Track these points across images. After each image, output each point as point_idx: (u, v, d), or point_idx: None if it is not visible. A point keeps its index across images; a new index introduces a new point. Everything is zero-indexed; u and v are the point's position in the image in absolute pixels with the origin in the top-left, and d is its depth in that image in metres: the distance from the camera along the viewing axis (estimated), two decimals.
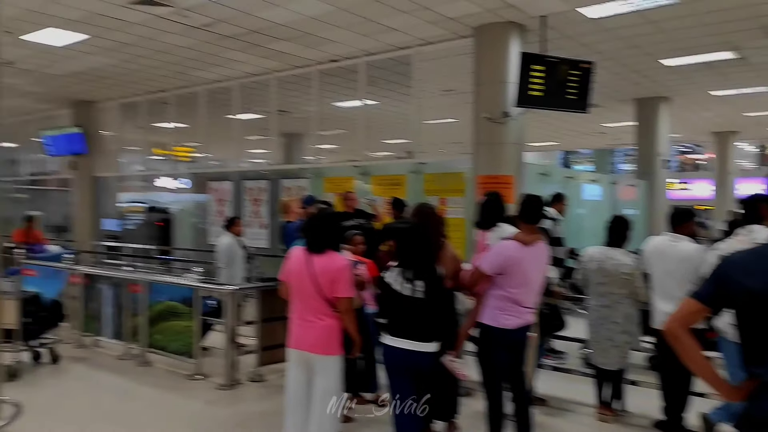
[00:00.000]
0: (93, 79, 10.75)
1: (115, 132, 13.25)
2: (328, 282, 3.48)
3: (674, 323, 2.02)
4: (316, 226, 3.69)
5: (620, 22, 7.02)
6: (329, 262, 3.52)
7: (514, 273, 3.75)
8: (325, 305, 3.49)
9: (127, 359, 6.34)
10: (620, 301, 4.57)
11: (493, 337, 3.82)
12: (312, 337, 3.50)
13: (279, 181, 10.41)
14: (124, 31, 7.87)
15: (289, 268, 3.64)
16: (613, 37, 7.62)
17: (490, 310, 3.81)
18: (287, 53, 8.76)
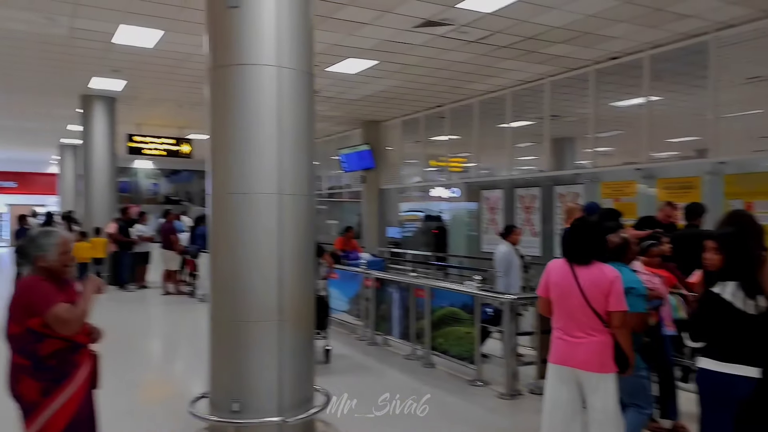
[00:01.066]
0: (380, 100, 11.86)
1: (397, 147, 14.43)
2: (599, 295, 3.23)
3: None
4: (579, 235, 3.42)
5: None
6: (598, 274, 3.27)
7: None
8: (595, 320, 3.25)
9: (413, 359, 6.76)
10: None
11: None
12: (583, 354, 3.26)
13: (552, 187, 10.14)
14: (408, 54, 8.51)
15: (550, 281, 3.45)
16: None
17: None
18: (563, 56, 8.50)
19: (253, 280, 4.22)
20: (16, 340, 2.81)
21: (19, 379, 2.81)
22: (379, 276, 7.81)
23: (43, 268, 2.87)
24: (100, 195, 12.69)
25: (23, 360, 2.80)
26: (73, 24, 7.53)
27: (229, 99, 4.21)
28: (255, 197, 4.20)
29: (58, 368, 2.84)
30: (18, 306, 2.79)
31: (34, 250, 2.88)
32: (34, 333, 2.77)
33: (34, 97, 12.23)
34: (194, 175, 25.89)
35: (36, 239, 2.90)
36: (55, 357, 2.82)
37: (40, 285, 2.81)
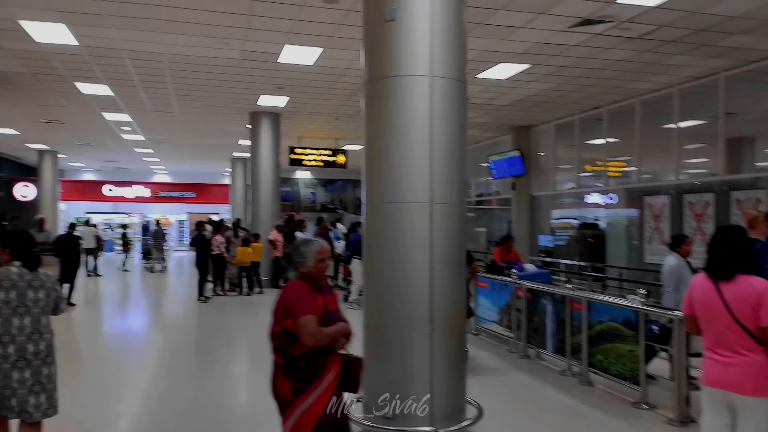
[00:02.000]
0: (532, 104, 11.52)
1: (550, 152, 13.91)
2: (747, 310, 2.89)
3: None
4: (719, 247, 3.08)
5: None
6: (744, 287, 2.92)
7: None
8: (746, 337, 2.91)
9: (568, 376, 6.42)
10: None
11: None
12: (735, 375, 2.93)
13: (728, 192, 9.13)
14: (563, 55, 8.16)
15: (694, 297, 3.12)
16: None
17: None
18: (741, 48, 7.65)
19: (405, 289, 4.28)
20: (275, 339, 3.05)
21: (276, 377, 3.05)
22: (533, 287, 7.54)
23: (303, 274, 3.10)
24: (265, 204, 13.73)
25: (280, 358, 3.03)
26: (244, 47, 8.21)
27: (383, 110, 4.33)
28: (407, 206, 4.27)
29: (307, 370, 2.99)
30: (279, 306, 3.04)
31: (296, 257, 3.12)
32: (289, 333, 2.97)
33: (211, 115, 13.54)
34: (348, 184, 27.05)
35: (299, 247, 3.15)
36: (304, 359, 2.98)
37: (300, 289, 3.03)
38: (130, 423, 5.05)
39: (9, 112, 13.17)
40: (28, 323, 3.44)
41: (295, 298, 2.99)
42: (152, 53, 8.53)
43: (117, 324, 10.08)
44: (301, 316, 2.91)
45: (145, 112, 13.09)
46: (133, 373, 6.54)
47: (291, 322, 2.94)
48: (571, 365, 6.48)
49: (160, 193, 28.76)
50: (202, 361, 7.15)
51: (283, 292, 3.07)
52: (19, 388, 3.39)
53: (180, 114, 13.33)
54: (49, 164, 22.11)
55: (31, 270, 3.53)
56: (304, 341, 2.91)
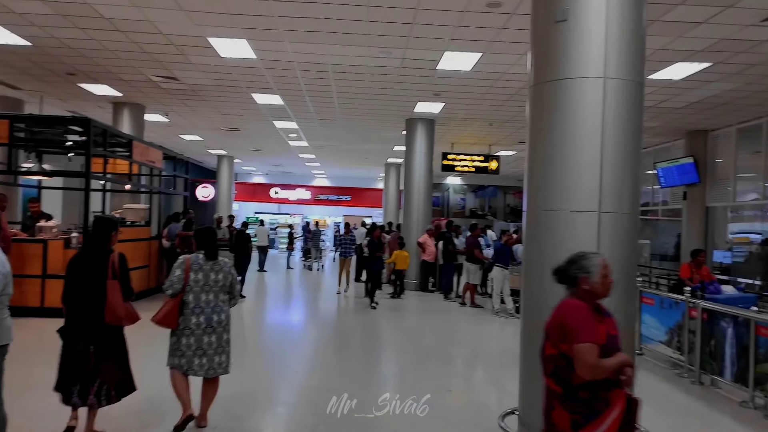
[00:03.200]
0: (709, 106, 10.51)
1: (730, 159, 12.57)
2: None
3: None
4: None
5: None
6: None
7: None
8: None
9: (750, 408, 5.73)
10: None
11: None
12: None
13: None
14: (751, 52, 7.34)
15: None
16: None
17: None
18: None
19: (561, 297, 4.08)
20: (548, 361, 2.76)
21: (552, 406, 2.73)
22: (708, 306, 6.84)
23: (586, 291, 2.76)
24: (416, 208, 13.96)
25: (556, 386, 2.71)
26: (405, 55, 8.41)
27: (550, 115, 4.19)
28: (572, 215, 4.09)
29: (590, 403, 2.63)
30: (555, 325, 2.73)
31: (577, 272, 2.79)
32: (566, 357, 2.65)
33: (369, 122, 14.06)
34: (498, 191, 26.61)
35: (579, 260, 2.82)
36: (587, 389, 2.62)
37: (582, 311, 2.68)
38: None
39: (195, 121, 14.73)
40: (212, 298, 4.33)
41: (577, 320, 2.62)
42: (320, 64, 9.05)
43: (280, 316, 10.80)
44: (580, 343, 2.57)
45: (310, 119, 13.93)
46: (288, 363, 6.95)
47: (568, 347, 2.63)
48: (754, 396, 5.78)
49: (319, 196, 30.47)
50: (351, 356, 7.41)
51: (561, 310, 2.73)
52: (208, 349, 4.28)
53: (341, 121, 14.00)
54: (226, 168, 24.45)
55: (211, 259, 4.38)
56: (579, 372, 2.58)
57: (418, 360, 7.39)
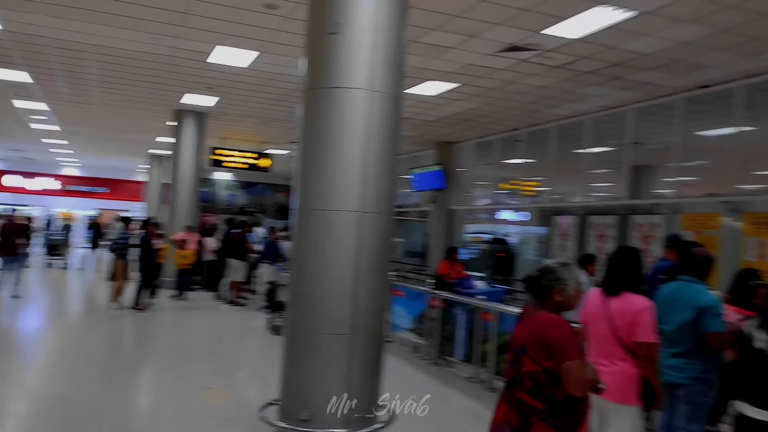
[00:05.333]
0: (456, 122, 11.95)
1: (470, 168, 14.44)
2: (625, 325, 3.21)
3: None
4: (612, 264, 3.43)
5: None
6: (627, 304, 3.26)
7: None
8: (620, 349, 3.23)
9: (476, 382, 6.71)
10: None
11: None
12: (605, 382, 3.15)
13: (628, 216, 9.87)
14: (490, 77, 8.58)
15: (585, 309, 3.45)
16: None
17: None
18: (650, 83, 8.33)
19: (328, 294, 4.36)
20: (529, 378, 2.62)
21: (529, 423, 2.61)
22: (446, 297, 7.84)
23: (558, 303, 2.68)
24: (183, 203, 13.33)
25: (535, 402, 2.60)
26: (175, 44, 8.05)
27: (320, 120, 4.43)
28: (337, 214, 4.37)
29: (572, 415, 2.61)
30: (536, 342, 2.60)
31: (552, 283, 2.68)
32: (552, 375, 2.57)
33: (131, 110, 13.07)
34: (269, 189, 26.70)
35: (556, 271, 2.70)
36: (569, 403, 2.59)
37: (565, 327, 2.60)
38: None
39: None
40: None
41: (563, 338, 2.55)
42: (78, 43, 8.20)
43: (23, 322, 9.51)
44: (570, 362, 2.51)
45: (62, 102, 12.47)
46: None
47: (553, 364, 2.55)
48: (478, 372, 6.78)
49: (69, 187, 27.25)
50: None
51: (543, 325, 2.61)
52: None
53: (99, 106, 12.78)
54: None
55: None
56: (571, 390, 2.54)
57: (178, 360, 7.18)
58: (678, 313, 3.71)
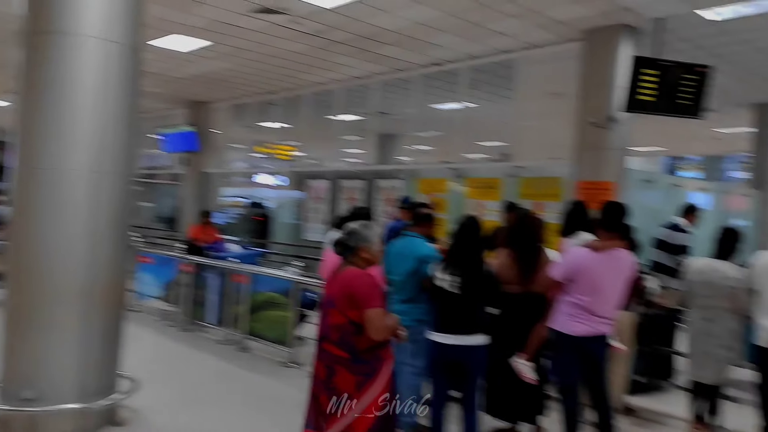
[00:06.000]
0: (209, 81, 11.47)
1: (224, 131, 14.05)
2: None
3: None
4: None
5: (743, 24, 6.63)
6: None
7: (584, 280, 3.75)
8: None
9: (227, 344, 6.73)
10: (723, 315, 4.38)
11: (563, 343, 3.84)
12: None
13: (374, 181, 10.64)
14: (243, 38, 8.37)
15: (324, 264, 3.84)
16: (735, 41, 7.20)
17: (560, 316, 3.85)
18: (392, 57, 8.95)
19: (57, 262, 3.99)
20: (334, 331, 2.85)
21: (335, 371, 2.84)
22: (198, 261, 7.63)
23: (364, 260, 2.98)
24: None
25: (341, 351, 2.84)
26: None
27: (45, 68, 3.95)
28: (66, 173, 3.97)
29: (372, 363, 2.87)
30: (342, 295, 2.83)
31: (358, 242, 2.97)
32: (355, 325, 2.81)
33: None
34: None
35: (360, 231, 3.00)
36: (370, 351, 2.85)
37: (369, 278, 2.88)
38: None
39: None
40: None
41: (366, 288, 2.83)
42: None
43: None
44: (372, 309, 2.79)
45: None
46: None
47: (357, 314, 2.80)
48: (230, 334, 6.80)
49: None
50: None
51: (348, 280, 2.88)
52: None
53: None
54: None
55: None
56: (373, 336, 2.81)
57: None
58: (403, 264, 4.14)
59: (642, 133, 13.64)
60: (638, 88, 6.46)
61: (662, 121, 9.97)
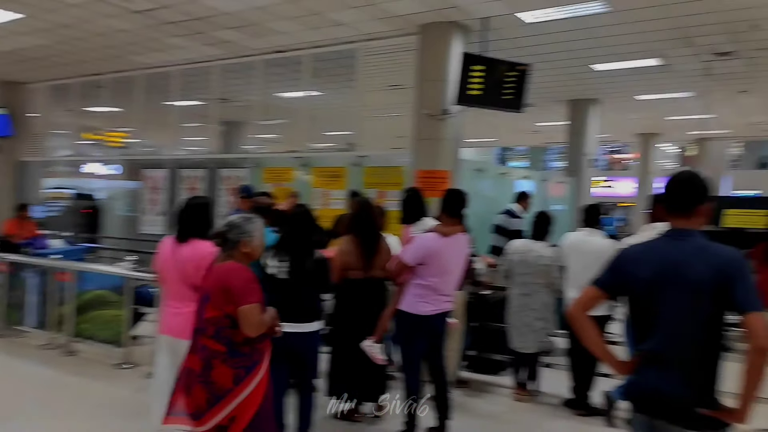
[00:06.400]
0: (23, 59, 10.29)
1: (44, 115, 12.69)
2: (194, 269, 3.43)
3: (576, 307, 2.28)
4: (181, 215, 3.66)
5: (556, 27, 7.32)
6: (194, 250, 3.50)
7: (434, 263, 3.97)
8: (191, 292, 3.41)
9: (51, 349, 6.16)
10: (539, 290, 4.89)
11: (411, 323, 4.03)
12: (179, 323, 3.42)
13: (217, 170, 10.27)
14: (62, 12, 7.59)
15: (159, 257, 3.65)
16: (549, 41, 7.93)
17: (409, 298, 4.03)
18: (232, 42, 8.66)
19: None
20: (210, 324, 2.83)
21: (212, 365, 2.81)
22: (13, 259, 6.86)
23: (245, 254, 2.96)
24: None
25: (218, 345, 2.82)
26: None
27: None
28: None
29: (250, 356, 2.86)
30: (218, 289, 2.82)
31: (239, 235, 2.94)
32: (231, 318, 2.80)
33: None
34: None
35: (242, 224, 2.97)
36: (248, 344, 2.85)
37: (245, 273, 2.87)
38: None
39: None
40: None
41: (242, 282, 2.82)
42: None
43: None
44: (247, 305, 2.79)
45: None
46: None
47: (233, 308, 2.79)
48: (54, 338, 6.23)
49: None
50: None
51: (225, 274, 2.85)
52: None
53: None
54: None
55: None
56: (246, 332, 2.81)
57: None
58: None
59: (477, 126, 14.67)
60: (468, 82, 6.90)
61: (493, 115, 10.80)
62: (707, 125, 13.90)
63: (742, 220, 8.16)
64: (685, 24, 7.09)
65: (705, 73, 9.23)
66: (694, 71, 9.20)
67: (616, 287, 2.26)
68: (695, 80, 9.79)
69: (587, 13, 6.79)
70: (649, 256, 2.20)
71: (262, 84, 9.74)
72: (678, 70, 9.26)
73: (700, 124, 13.57)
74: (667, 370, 2.10)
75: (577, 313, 2.27)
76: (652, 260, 2.17)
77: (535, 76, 7.45)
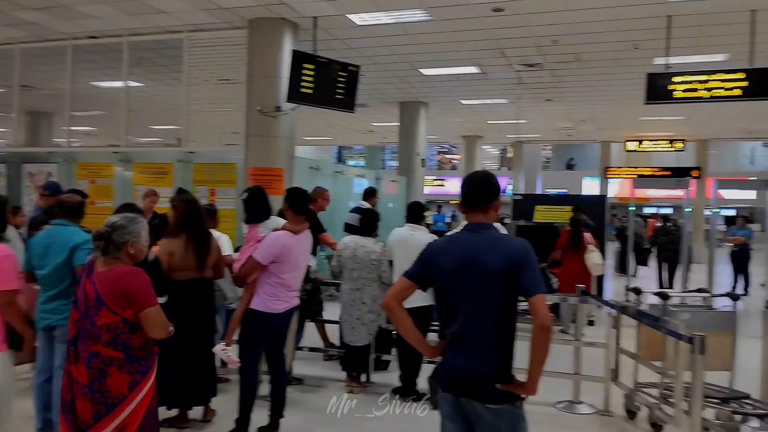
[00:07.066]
0: None
1: None
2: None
3: (390, 298, 2.43)
4: None
5: (384, 31, 7.59)
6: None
7: (287, 260, 4.00)
8: None
9: None
10: (369, 285, 5.06)
11: (262, 322, 4.00)
12: None
13: (21, 165, 9.20)
14: None
15: None
16: (378, 44, 8.20)
17: (261, 297, 4.00)
18: (37, 23, 7.80)
19: None
20: (105, 331, 2.69)
21: (106, 373, 2.69)
22: None
23: (130, 255, 2.81)
24: None
25: (115, 352, 2.69)
26: None
27: None
28: None
29: (146, 360, 2.79)
30: (115, 294, 2.69)
31: (125, 236, 2.77)
32: (130, 323, 2.71)
33: None
34: None
35: (128, 225, 2.79)
36: (144, 348, 2.77)
37: (142, 277, 2.76)
38: None
39: None
40: None
41: (142, 286, 2.73)
42: None
43: None
44: (150, 308, 2.72)
45: None
46: None
47: (132, 313, 2.70)
48: None
49: None
50: None
51: (119, 277, 2.71)
52: None
53: None
54: None
55: None
56: (152, 334, 2.74)
57: None
58: (54, 255, 3.71)
59: (313, 125, 14.73)
60: (300, 80, 6.89)
61: (329, 114, 10.93)
62: (521, 129, 15.36)
63: (550, 215, 9.15)
64: (497, 36, 7.75)
65: (517, 82, 10.20)
66: (507, 80, 10.09)
67: (424, 278, 2.43)
68: (509, 88, 10.75)
69: (411, 20, 7.14)
70: (451, 248, 2.40)
71: (73, 71, 8.86)
72: (494, 78, 10.10)
73: (516, 129, 14.95)
74: (468, 351, 2.30)
75: (391, 303, 2.40)
76: (454, 252, 2.36)
77: (367, 78, 7.68)
